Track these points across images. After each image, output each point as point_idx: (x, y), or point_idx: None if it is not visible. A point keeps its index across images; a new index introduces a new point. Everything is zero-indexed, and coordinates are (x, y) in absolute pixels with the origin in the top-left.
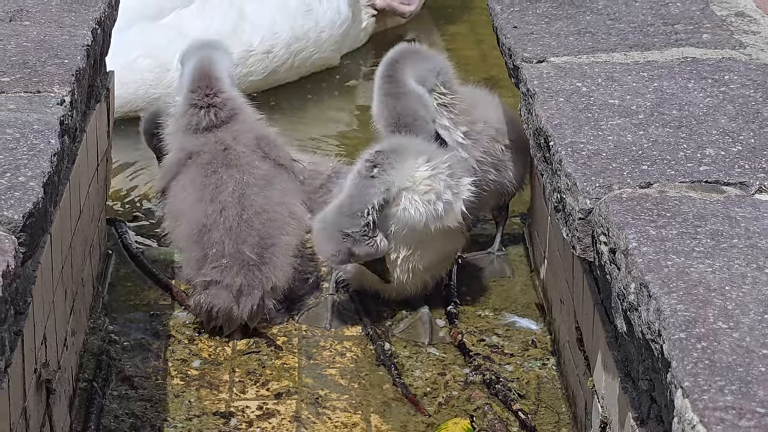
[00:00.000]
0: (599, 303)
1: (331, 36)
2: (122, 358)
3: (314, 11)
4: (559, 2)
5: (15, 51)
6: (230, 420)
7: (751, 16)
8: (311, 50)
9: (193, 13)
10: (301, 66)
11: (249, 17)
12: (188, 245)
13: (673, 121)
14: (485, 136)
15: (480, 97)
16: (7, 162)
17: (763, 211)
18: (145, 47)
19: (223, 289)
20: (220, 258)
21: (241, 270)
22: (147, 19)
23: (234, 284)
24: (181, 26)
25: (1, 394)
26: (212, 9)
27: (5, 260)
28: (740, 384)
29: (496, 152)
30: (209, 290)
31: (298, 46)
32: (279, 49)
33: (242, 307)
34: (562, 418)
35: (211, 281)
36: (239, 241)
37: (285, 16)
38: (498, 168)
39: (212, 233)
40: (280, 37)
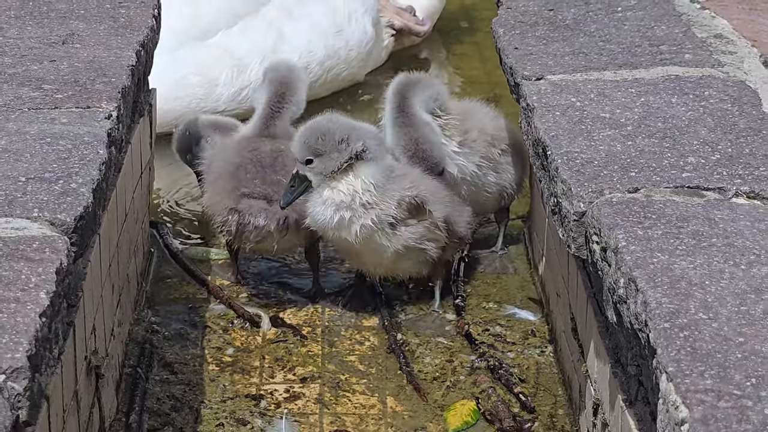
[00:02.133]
0: (592, 296)
1: (359, 54)
2: (163, 346)
3: (344, 32)
4: (555, 26)
5: (67, 71)
6: (260, 402)
7: (729, 38)
8: (342, 67)
9: (237, 34)
10: (333, 81)
11: (287, 37)
12: (224, 180)
13: (658, 132)
14: (481, 142)
15: (475, 108)
16: (60, 170)
17: (740, 213)
18: (195, 65)
19: (253, 199)
20: (252, 180)
21: (271, 186)
22: (195, 39)
23: (266, 194)
24: (226, 46)
25: (55, 378)
26: (254, 30)
27: (59, 258)
28: (719, 369)
29: (494, 156)
30: (239, 203)
31: (330, 63)
32: (314, 66)
33: (270, 219)
34: (558, 400)
35: (244, 193)
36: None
37: (318, 36)
38: (497, 170)
39: (247, 166)
40: (315, 55)
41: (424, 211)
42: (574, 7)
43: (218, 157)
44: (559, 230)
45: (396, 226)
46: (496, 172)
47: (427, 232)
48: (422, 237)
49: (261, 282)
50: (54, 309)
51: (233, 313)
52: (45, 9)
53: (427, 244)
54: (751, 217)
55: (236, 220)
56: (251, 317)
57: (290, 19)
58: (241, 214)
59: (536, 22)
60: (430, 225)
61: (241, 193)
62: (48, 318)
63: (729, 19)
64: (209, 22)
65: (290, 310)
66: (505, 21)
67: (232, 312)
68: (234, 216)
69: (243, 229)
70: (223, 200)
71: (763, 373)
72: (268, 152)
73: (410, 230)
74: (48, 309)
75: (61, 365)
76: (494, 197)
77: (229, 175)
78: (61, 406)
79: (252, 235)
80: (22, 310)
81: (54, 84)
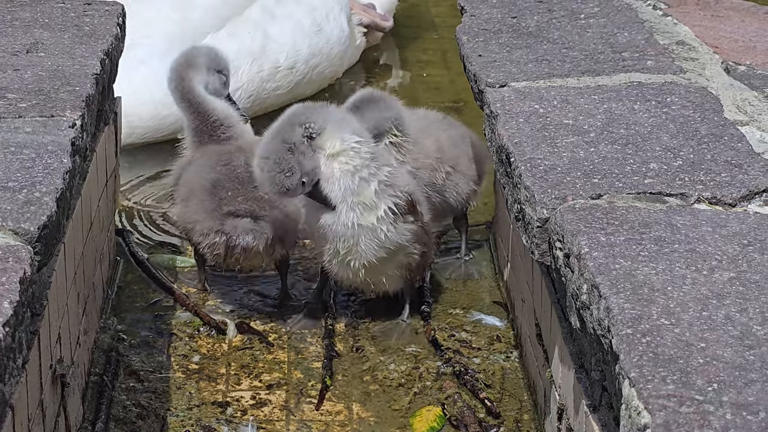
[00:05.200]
0: (556, 302)
1: (339, 51)
2: (129, 354)
3: (324, 30)
4: (518, 33)
5: (31, 79)
6: (227, 409)
7: (691, 45)
8: (325, 65)
9: (225, 37)
10: (316, 80)
11: (273, 38)
12: (201, 199)
13: (620, 138)
14: (426, 168)
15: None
16: (24, 179)
17: (701, 219)
18: None
19: (239, 218)
20: (235, 198)
21: (255, 203)
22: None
23: (250, 211)
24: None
25: (20, 387)
26: (241, 32)
27: (22, 268)
28: (680, 374)
29: (438, 180)
30: (225, 224)
31: (314, 61)
32: (300, 65)
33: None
34: (524, 405)
35: (228, 212)
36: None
37: (302, 36)
38: (440, 192)
39: (225, 183)
40: (300, 54)
41: (417, 210)
42: (537, 14)
43: (188, 170)
44: (522, 236)
45: (397, 220)
46: (440, 195)
47: (417, 233)
48: (413, 237)
49: (227, 289)
50: (17, 318)
51: (199, 320)
52: (9, 18)
53: (414, 246)
54: (712, 222)
55: (224, 242)
56: (217, 324)
57: (273, 19)
58: (229, 235)
59: (500, 29)
60: (420, 226)
61: (225, 212)
62: (11, 327)
63: (691, 26)
64: (197, 26)
65: (257, 317)
66: (468, 28)
67: (198, 319)
68: (221, 238)
69: (231, 251)
70: (206, 221)
71: (724, 378)
72: (243, 166)
73: (406, 227)
74: (11, 319)
75: (26, 374)
76: (441, 213)
77: (207, 192)
78: (26, 415)
79: (242, 257)
80: None
81: (18, 93)
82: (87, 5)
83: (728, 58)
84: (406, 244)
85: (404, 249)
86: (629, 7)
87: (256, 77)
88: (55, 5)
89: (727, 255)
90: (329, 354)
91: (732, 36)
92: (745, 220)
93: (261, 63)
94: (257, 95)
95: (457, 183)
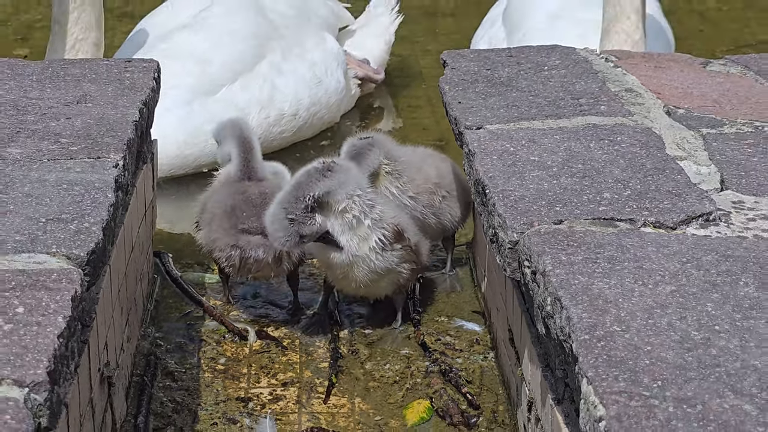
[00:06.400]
0: (525, 311)
1: (336, 100)
2: (166, 357)
3: (323, 82)
4: (492, 83)
5: (81, 126)
6: (248, 403)
7: (637, 91)
8: (324, 112)
9: (238, 89)
10: (317, 124)
11: (279, 89)
12: (221, 220)
13: (578, 172)
14: (425, 192)
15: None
16: (75, 212)
17: (647, 240)
18: (207, 116)
19: (251, 235)
20: (248, 218)
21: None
22: (205, 94)
23: (261, 229)
24: (230, 99)
25: (73, 388)
26: (252, 85)
27: (74, 288)
28: (630, 373)
29: (435, 203)
30: (239, 239)
31: (314, 109)
32: (302, 112)
33: (267, 252)
34: (499, 398)
35: (242, 230)
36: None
37: (304, 87)
38: (436, 215)
39: (241, 207)
40: (302, 103)
41: (404, 237)
42: (508, 66)
43: (210, 201)
44: (497, 256)
45: (385, 248)
46: (436, 216)
47: (404, 256)
48: (400, 260)
49: (248, 302)
50: (70, 330)
51: (225, 328)
52: (62, 74)
53: (402, 266)
54: (656, 243)
55: (238, 255)
56: (240, 332)
57: (280, 73)
58: (243, 249)
59: (476, 80)
60: (407, 250)
61: (240, 230)
62: (65, 338)
63: (637, 76)
64: (214, 79)
65: (273, 325)
66: (450, 79)
67: (224, 327)
68: (236, 251)
69: (245, 262)
70: (224, 238)
71: (667, 376)
72: (257, 194)
73: (394, 253)
74: (65, 331)
75: (78, 377)
76: (437, 232)
77: (226, 215)
78: (78, 411)
79: (253, 268)
80: (43, 332)
81: (69, 138)
82: (127, 62)
83: (669, 102)
84: (394, 266)
85: (393, 270)
86: (585, 60)
87: (264, 122)
88: (101, 63)
89: (669, 271)
90: (335, 356)
91: (672, 84)
92: (684, 241)
93: (268, 111)
94: (265, 138)
95: (451, 206)
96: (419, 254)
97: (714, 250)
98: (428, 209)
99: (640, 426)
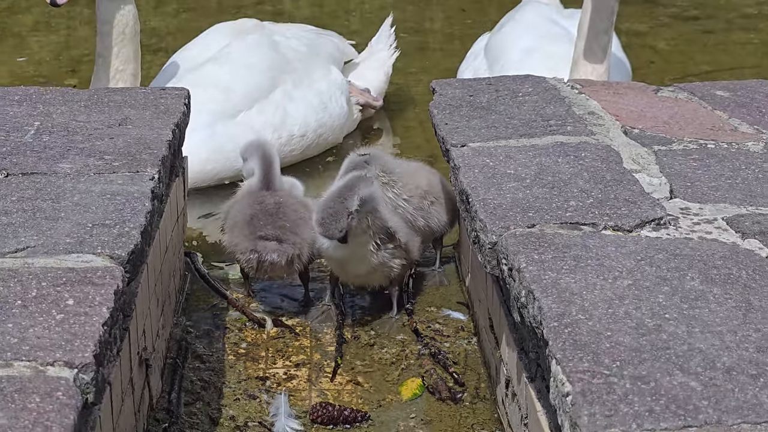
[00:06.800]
0: (503, 302)
1: (339, 123)
2: (195, 342)
3: (328, 108)
4: (474, 108)
5: (122, 145)
6: (266, 381)
7: (599, 114)
8: (328, 134)
9: (255, 113)
10: (322, 144)
11: (290, 114)
12: (241, 227)
13: (548, 183)
14: (417, 197)
15: (418, 169)
16: (117, 218)
17: (607, 241)
18: (227, 137)
19: (267, 241)
20: (265, 226)
21: (279, 230)
22: (226, 118)
23: (276, 236)
24: (248, 122)
25: (116, 369)
26: (267, 110)
27: (116, 283)
28: (593, 355)
29: (425, 207)
30: (257, 245)
31: (320, 131)
32: (309, 134)
33: (281, 255)
34: (481, 377)
35: (260, 236)
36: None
37: (312, 112)
38: (425, 218)
39: (259, 216)
40: (309, 126)
41: (396, 239)
42: (488, 93)
43: (233, 209)
44: (478, 255)
45: (380, 248)
46: (425, 219)
47: (395, 253)
48: (392, 256)
49: (266, 295)
50: (113, 320)
51: (245, 317)
52: (106, 100)
53: (394, 261)
54: (615, 244)
55: (256, 258)
56: (259, 320)
57: (291, 101)
58: (260, 253)
59: (460, 104)
60: (398, 248)
61: (258, 236)
62: (108, 326)
63: (599, 101)
64: (234, 105)
65: (287, 314)
66: (438, 104)
67: (245, 317)
68: (254, 255)
69: (261, 265)
70: (243, 242)
71: (624, 357)
72: (272, 204)
73: (387, 252)
74: (108, 320)
75: (119, 359)
76: (426, 234)
77: (245, 223)
78: (120, 389)
79: (269, 269)
80: (90, 321)
81: (112, 155)
82: (162, 90)
83: (626, 123)
84: (386, 261)
85: (385, 264)
86: (554, 87)
87: (276, 143)
88: (139, 91)
89: (626, 267)
90: (340, 341)
91: (628, 108)
92: (638, 242)
93: (280, 132)
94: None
95: (438, 211)
96: (409, 251)
97: (664, 249)
98: (418, 212)
99: (601, 400)
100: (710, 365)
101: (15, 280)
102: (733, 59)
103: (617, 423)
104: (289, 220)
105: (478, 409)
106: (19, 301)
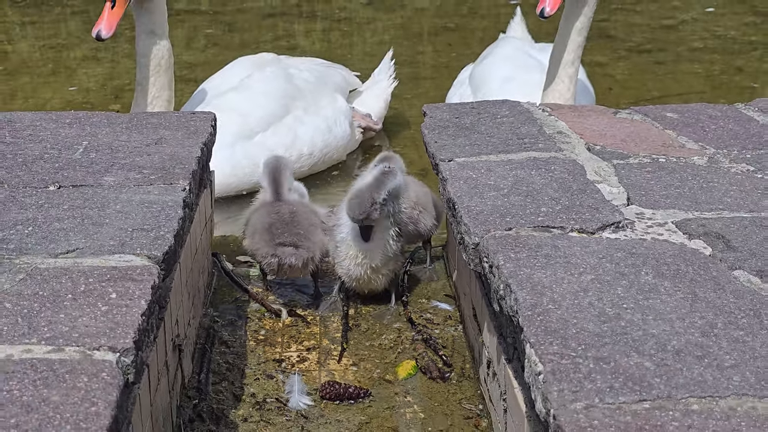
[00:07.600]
0: (485, 295)
1: (343, 144)
2: (221, 330)
3: (333, 131)
4: (459, 128)
5: (158, 161)
6: (282, 363)
7: (566, 133)
8: (333, 153)
9: (269, 135)
10: (327, 161)
11: (300, 136)
12: (262, 234)
13: (523, 193)
14: (408, 207)
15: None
16: (153, 224)
17: (573, 242)
18: (245, 156)
19: (286, 247)
20: (283, 234)
21: (296, 237)
22: (244, 139)
23: (293, 242)
24: (264, 142)
25: (152, 353)
26: (280, 132)
27: (152, 279)
28: (561, 340)
29: (414, 215)
30: (277, 250)
31: (326, 150)
32: (316, 153)
33: (298, 259)
34: (466, 359)
35: (279, 243)
36: (292, 226)
37: (319, 134)
38: (414, 223)
39: (277, 224)
40: (316, 146)
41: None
42: (471, 116)
43: (253, 217)
44: (463, 254)
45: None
46: (414, 225)
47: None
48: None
49: (282, 289)
50: (150, 311)
51: (264, 308)
52: (144, 123)
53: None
54: (580, 244)
55: (276, 262)
56: (275, 311)
57: (301, 124)
58: (279, 257)
59: (447, 125)
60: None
61: (277, 242)
62: (146, 316)
63: (566, 122)
64: (252, 128)
65: (300, 306)
66: (429, 125)
67: (264, 308)
68: (274, 259)
69: (281, 267)
70: (264, 248)
71: (588, 342)
72: (287, 213)
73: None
74: (146, 311)
75: (156, 345)
76: (415, 236)
77: (265, 230)
78: (156, 370)
79: (288, 271)
80: (130, 312)
81: (150, 169)
82: (192, 114)
83: (589, 141)
84: (398, 253)
85: (397, 257)
86: (528, 110)
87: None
88: (172, 114)
89: (590, 264)
90: (345, 328)
91: (591, 128)
92: (600, 242)
93: (291, 151)
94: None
95: (425, 218)
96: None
97: (623, 249)
98: (409, 219)
99: (569, 378)
100: (662, 348)
101: (66, 277)
102: (681, 86)
103: (582, 397)
104: (302, 228)
105: (463, 386)
106: (70, 295)
